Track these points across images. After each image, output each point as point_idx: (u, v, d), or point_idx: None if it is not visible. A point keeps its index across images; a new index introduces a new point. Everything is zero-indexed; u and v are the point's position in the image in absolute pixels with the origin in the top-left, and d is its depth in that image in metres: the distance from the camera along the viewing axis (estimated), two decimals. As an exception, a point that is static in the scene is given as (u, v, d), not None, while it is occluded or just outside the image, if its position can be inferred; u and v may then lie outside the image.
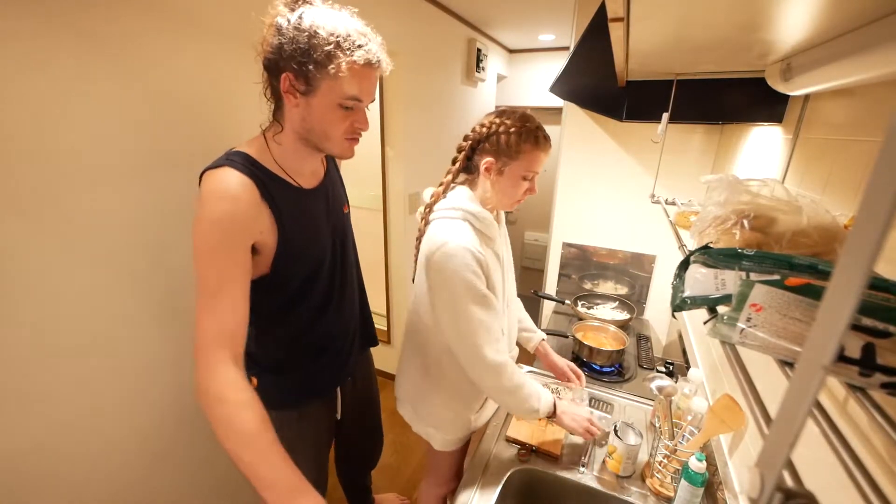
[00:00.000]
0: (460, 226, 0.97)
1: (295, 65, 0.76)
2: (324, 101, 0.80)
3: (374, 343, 1.27)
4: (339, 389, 1.15)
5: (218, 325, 0.76)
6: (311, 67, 0.76)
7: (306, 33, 0.75)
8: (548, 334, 1.70)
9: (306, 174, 0.94)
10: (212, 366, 0.74)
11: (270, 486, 0.69)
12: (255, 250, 0.84)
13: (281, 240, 0.86)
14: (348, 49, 0.77)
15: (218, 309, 0.76)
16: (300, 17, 0.76)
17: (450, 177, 1.03)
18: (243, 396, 0.73)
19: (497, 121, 0.96)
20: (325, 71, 0.77)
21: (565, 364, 1.31)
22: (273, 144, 0.87)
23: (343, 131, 0.84)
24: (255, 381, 0.98)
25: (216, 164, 0.81)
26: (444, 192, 1.03)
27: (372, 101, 0.86)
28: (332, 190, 1.02)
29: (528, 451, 1.14)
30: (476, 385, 1.01)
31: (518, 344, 1.29)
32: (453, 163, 1.04)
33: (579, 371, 1.30)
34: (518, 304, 1.32)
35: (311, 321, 1.00)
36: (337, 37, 0.76)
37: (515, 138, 0.95)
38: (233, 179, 0.79)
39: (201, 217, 0.77)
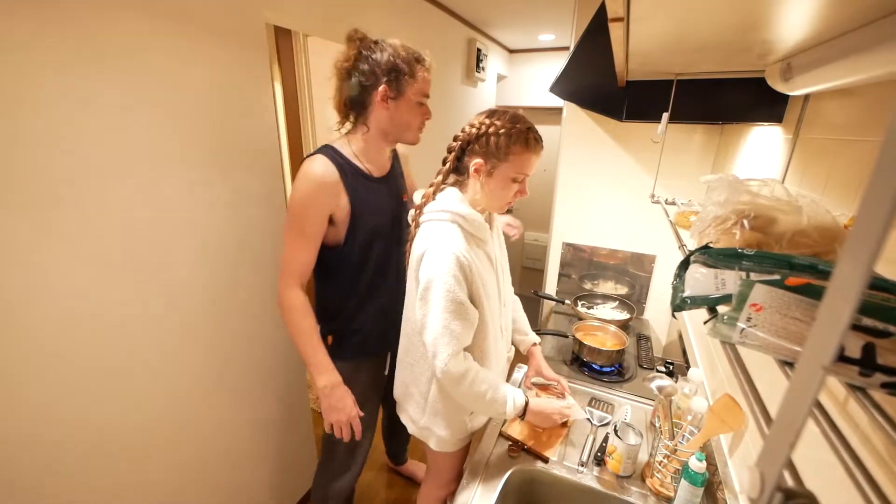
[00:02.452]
0: (448, 228, 0.95)
1: (390, 78, 1.06)
2: (410, 101, 1.09)
3: None
4: (388, 353, 1.36)
5: (292, 261, 1.11)
6: (403, 79, 1.07)
7: (395, 55, 1.06)
8: (548, 334, 1.71)
9: (378, 166, 1.19)
10: (287, 287, 1.12)
11: (310, 364, 1.14)
12: (332, 221, 1.13)
13: (352, 214, 1.13)
14: (423, 62, 1.09)
15: (294, 252, 1.11)
16: (395, 50, 1.07)
17: (440, 178, 1.02)
18: (304, 308, 1.13)
19: (487, 121, 0.95)
20: (410, 77, 1.07)
21: (550, 375, 1.28)
22: (354, 142, 1.15)
23: (419, 122, 1.15)
24: (330, 338, 1.27)
25: (313, 154, 1.11)
26: (434, 193, 1.01)
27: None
28: (394, 181, 1.25)
29: (518, 448, 1.14)
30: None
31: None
32: (443, 163, 1.03)
33: (562, 384, 1.27)
34: (516, 305, 1.32)
35: (371, 287, 1.23)
36: (418, 58, 1.09)
37: (505, 140, 0.93)
38: (319, 165, 1.08)
39: (294, 191, 1.08)
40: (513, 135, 0.93)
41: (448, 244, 0.92)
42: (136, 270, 1.03)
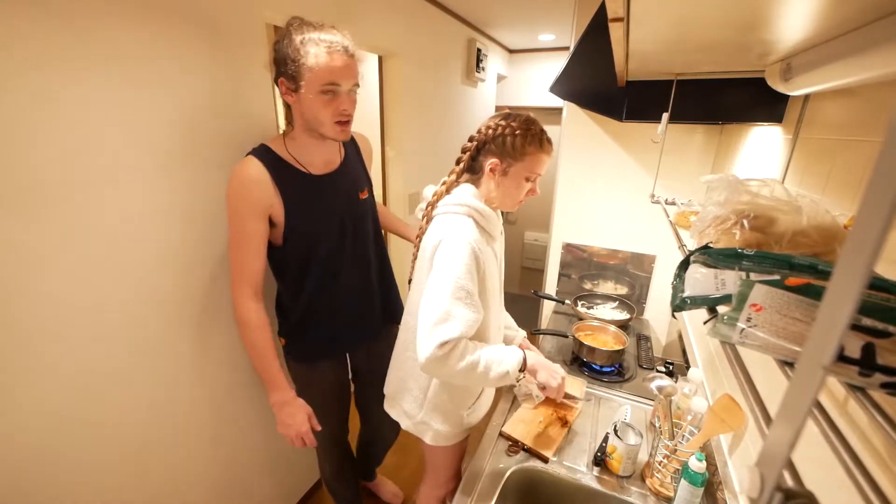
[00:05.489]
0: (464, 221, 0.98)
1: (284, 69, 0.98)
2: (308, 92, 0.99)
3: (397, 320, 1.29)
4: (347, 355, 1.35)
5: (240, 269, 1.08)
6: (294, 67, 0.96)
7: (288, 43, 0.96)
8: (548, 334, 1.71)
9: (317, 163, 1.13)
10: (239, 299, 1.08)
11: (263, 379, 1.14)
12: (272, 222, 1.09)
13: (286, 215, 1.08)
14: (318, 43, 0.96)
15: (239, 258, 1.07)
16: (289, 36, 0.97)
17: (454, 176, 1.04)
18: (256, 323, 1.09)
19: (503, 123, 0.98)
20: (303, 64, 0.96)
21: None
22: (288, 140, 1.10)
23: (330, 115, 1.02)
24: (283, 341, 1.26)
25: (246, 154, 1.07)
26: (448, 190, 1.04)
27: (354, 86, 1.04)
28: (346, 177, 1.19)
29: (518, 448, 1.14)
30: (427, 375, 1.04)
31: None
32: (457, 163, 1.05)
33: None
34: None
35: (320, 289, 1.19)
36: (309, 39, 0.96)
37: (521, 140, 0.97)
38: (249, 165, 1.05)
39: (227, 196, 1.05)
40: (528, 136, 0.97)
41: (464, 234, 0.94)
42: (136, 271, 1.03)
